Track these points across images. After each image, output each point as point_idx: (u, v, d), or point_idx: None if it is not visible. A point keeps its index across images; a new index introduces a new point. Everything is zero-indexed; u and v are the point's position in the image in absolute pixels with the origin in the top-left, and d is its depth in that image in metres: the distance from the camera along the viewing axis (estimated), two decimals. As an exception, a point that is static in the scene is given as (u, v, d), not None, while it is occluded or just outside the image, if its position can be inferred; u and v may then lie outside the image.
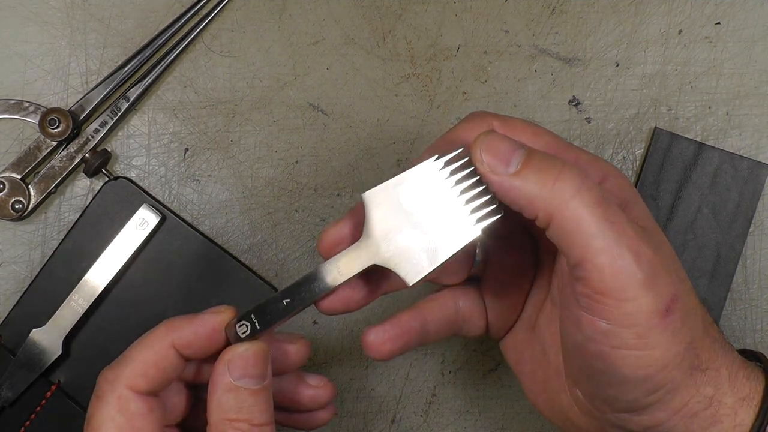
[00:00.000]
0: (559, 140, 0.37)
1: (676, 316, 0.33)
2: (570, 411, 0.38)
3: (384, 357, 0.39)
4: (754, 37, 0.52)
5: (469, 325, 0.41)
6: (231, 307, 0.37)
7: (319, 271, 0.35)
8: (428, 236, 0.34)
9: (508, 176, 0.33)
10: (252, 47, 0.52)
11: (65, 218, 0.51)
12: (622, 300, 0.32)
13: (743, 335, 0.51)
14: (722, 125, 0.52)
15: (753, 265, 0.51)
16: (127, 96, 0.51)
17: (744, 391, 0.35)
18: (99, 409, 0.34)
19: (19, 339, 0.48)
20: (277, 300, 0.35)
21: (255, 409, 0.34)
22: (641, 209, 0.36)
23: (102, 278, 0.48)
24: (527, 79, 0.52)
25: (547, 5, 0.53)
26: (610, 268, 0.32)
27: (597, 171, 0.36)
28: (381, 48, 0.52)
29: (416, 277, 0.34)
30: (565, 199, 0.32)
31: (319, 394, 0.40)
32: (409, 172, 0.35)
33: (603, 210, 0.32)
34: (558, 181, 0.32)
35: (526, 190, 0.33)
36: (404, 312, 0.39)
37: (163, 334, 0.36)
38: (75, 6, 0.52)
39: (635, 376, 0.33)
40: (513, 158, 0.33)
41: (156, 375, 0.35)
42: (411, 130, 0.52)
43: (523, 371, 0.41)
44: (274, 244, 0.51)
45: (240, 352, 0.35)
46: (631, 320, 0.32)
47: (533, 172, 0.33)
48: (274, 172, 0.52)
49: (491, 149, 0.33)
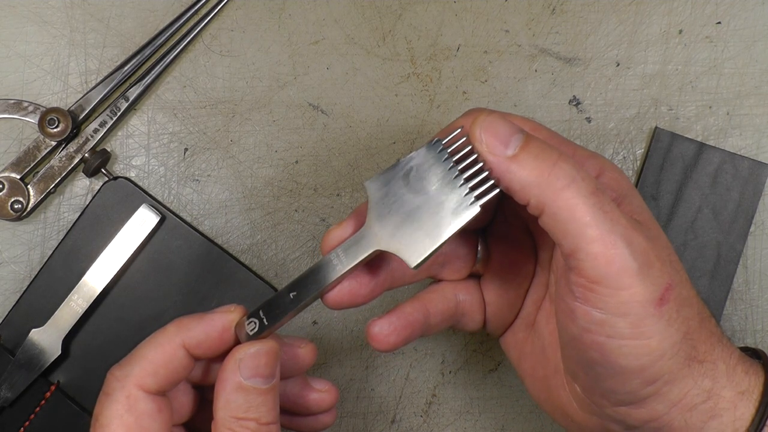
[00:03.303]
0: (557, 136, 0.37)
1: (671, 305, 0.33)
2: (569, 408, 0.38)
3: (388, 349, 0.39)
4: (754, 37, 0.52)
5: (467, 318, 0.41)
6: (240, 306, 0.37)
7: (324, 262, 0.36)
8: (428, 218, 0.34)
9: (505, 158, 0.33)
10: (252, 47, 0.52)
11: (65, 218, 0.51)
12: (616, 288, 0.32)
13: (744, 335, 0.51)
14: (723, 125, 0.52)
15: (754, 265, 0.51)
16: (127, 96, 0.51)
17: (743, 385, 0.35)
18: (107, 407, 0.34)
19: (19, 339, 0.48)
20: (283, 294, 0.36)
21: (263, 408, 0.34)
22: (637, 203, 0.36)
23: (101, 278, 0.48)
24: (527, 79, 0.52)
25: (547, 5, 0.52)
26: (604, 257, 0.32)
27: (594, 166, 0.36)
28: (381, 48, 0.52)
29: (419, 258, 0.34)
30: (559, 188, 0.32)
31: (323, 398, 0.40)
32: (407, 157, 0.35)
33: (597, 200, 0.32)
34: (554, 168, 0.32)
35: (521, 175, 0.33)
36: (407, 303, 0.39)
37: (173, 333, 0.35)
38: (74, 6, 0.52)
39: (631, 366, 0.33)
40: (512, 141, 0.33)
41: (165, 374, 0.35)
42: (411, 130, 0.52)
43: (524, 368, 0.41)
44: (273, 244, 0.51)
45: (252, 352, 0.35)
46: (625, 309, 0.32)
47: (530, 158, 0.33)
48: (273, 172, 0.52)
49: (491, 129, 0.33)
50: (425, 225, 0.34)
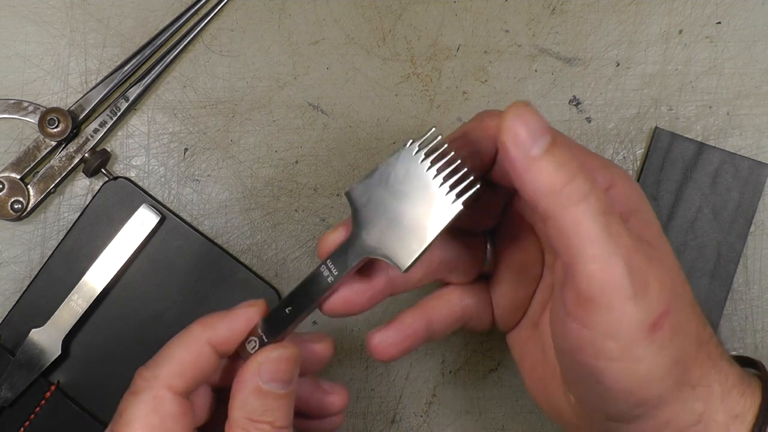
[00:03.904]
0: (569, 141, 0.36)
1: (664, 332, 0.32)
2: (566, 412, 0.38)
3: (389, 359, 0.39)
4: (754, 37, 0.52)
5: (474, 321, 0.41)
6: (261, 299, 0.37)
7: (314, 275, 0.36)
8: (413, 220, 0.34)
9: (527, 156, 0.31)
10: (252, 47, 0.52)
11: (64, 218, 0.51)
12: (608, 309, 0.31)
13: (744, 335, 0.51)
14: (723, 125, 0.52)
15: (754, 265, 0.51)
16: (127, 96, 0.51)
17: (737, 409, 0.34)
18: (133, 405, 0.34)
19: (19, 339, 0.48)
20: (279, 310, 0.36)
21: (278, 413, 0.35)
22: (647, 219, 0.35)
23: (101, 278, 0.48)
24: (527, 79, 0.52)
25: (547, 5, 0.52)
26: (600, 276, 0.31)
27: (605, 176, 0.35)
28: (381, 48, 0.52)
29: (408, 261, 0.34)
30: (571, 202, 0.31)
31: (334, 400, 0.40)
32: (386, 161, 0.35)
33: (606, 220, 0.31)
34: (572, 182, 0.31)
35: (538, 180, 0.31)
36: (408, 312, 0.39)
37: (198, 332, 0.36)
38: (74, 6, 0.52)
39: (618, 388, 0.32)
40: (540, 139, 0.32)
41: (193, 374, 0.35)
42: (411, 130, 0.52)
43: (525, 367, 0.41)
44: (273, 244, 0.51)
45: (273, 357, 0.35)
46: (615, 331, 0.31)
47: (552, 165, 0.31)
48: (273, 172, 0.52)
49: (524, 118, 0.32)
50: (410, 228, 0.34)
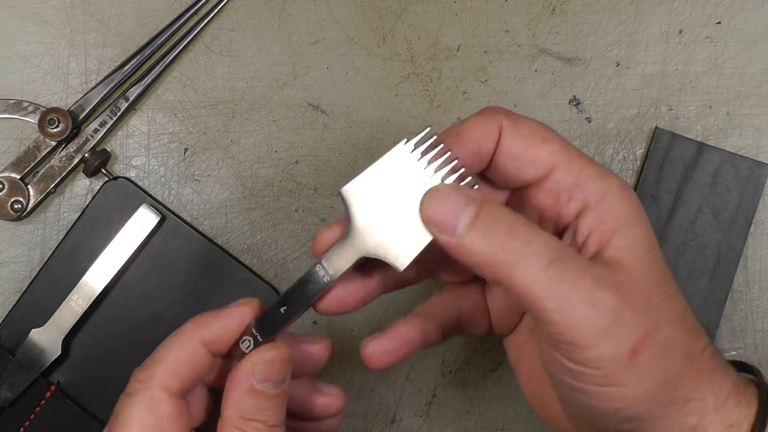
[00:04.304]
0: (568, 148, 0.36)
1: (646, 356, 0.32)
2: (560, 421, 0.38)
3: (383, 368, 0.39)
4: (754, 37, 0.52)
5: (471, 326, 0.41)
6: (255, 298, 0.37)
7: (310, 274, 0.35)
8: (411, 219, 0.34)
9: (454, 238, 0.32)
10: (252, 47, 0.52)
11: (64, 218, 0.51)
12: (584, 347, 0.31)
13: (744, 335, 0.51)
14: (723, 125, 0.52)
15: (754, 265, 0.51)
16: (127, 96, 0.51)
17: (731, 419, 0.34)
18: (128, 406, 0.34)
19: (19, 339, 0.48)
20: (274, 309, 0.36)
21: (271, 412, 0.35)
22: (634, 235, 0.34)
23: (101, 278, 0.48)
24: (527, 79, 0.52)
25: (547, 5, 0.52)
26: (565, 323, 0.31)
27: (596, 190, 0.35)
28: (381, 48, 0.52)
29: (406, 261, 0.34)
30: (510, 266, 0.31)
31: (331, 402, 0.40)
32: (381, 160, 0.35)
33: (555, 268, 0.31)
34: (505, 246, 0.32)
35: (471, 257, 0.32)
36: (404, 320, 0.39)
37: (191, 331, 0.35)
38: (74, 6, 0.52)
39: (606, 408, 0.33)
40: (461, 218, 0.32)
41: (188, 374, 0.35)
42: (411, 130, 0.52)
43: (522, 373, 0.41)
44: (273, 244, 0.51)
45: (267, 358, 0.35)
46: (595, 363, 0.32)
47: (479, 238, 0.32)
48: (273, 172, 0.52)
49: (437, 210, 0.33)
50: (407, 227, 0.34)
